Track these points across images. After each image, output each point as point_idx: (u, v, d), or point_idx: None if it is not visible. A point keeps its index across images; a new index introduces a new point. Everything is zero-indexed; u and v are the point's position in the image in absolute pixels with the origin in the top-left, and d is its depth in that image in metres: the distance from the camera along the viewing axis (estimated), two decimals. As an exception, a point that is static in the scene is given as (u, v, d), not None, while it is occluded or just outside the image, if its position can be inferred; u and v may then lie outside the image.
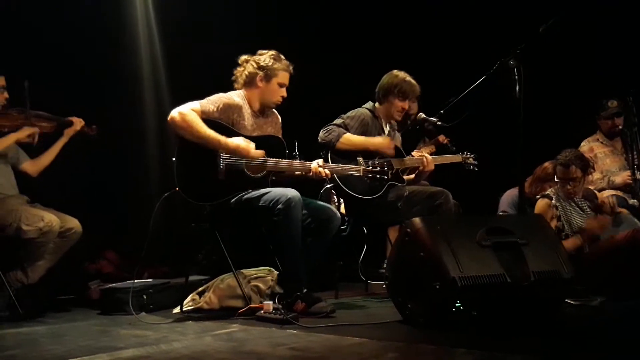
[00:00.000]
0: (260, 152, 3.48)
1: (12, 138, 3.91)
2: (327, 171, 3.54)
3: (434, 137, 4.89)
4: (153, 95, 5.39)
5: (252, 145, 3.46)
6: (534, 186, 4.36)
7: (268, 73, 3.61)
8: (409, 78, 4.12)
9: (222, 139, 3.43)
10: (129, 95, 5.26)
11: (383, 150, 4.02)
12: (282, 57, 3.68)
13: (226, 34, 5.26)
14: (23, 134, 3.93)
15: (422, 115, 4.37)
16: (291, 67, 3.68)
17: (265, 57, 3.64)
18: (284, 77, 3.65)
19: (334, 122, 4.05)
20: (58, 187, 4.41)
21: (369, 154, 3.97)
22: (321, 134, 4.01)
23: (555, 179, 3.90)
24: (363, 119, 4.10)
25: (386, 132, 4.24)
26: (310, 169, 3.53)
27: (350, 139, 3.98)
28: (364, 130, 4.08)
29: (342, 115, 4.12)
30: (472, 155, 4.44)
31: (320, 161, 3.56)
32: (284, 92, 3.67)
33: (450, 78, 4.66)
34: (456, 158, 4.43)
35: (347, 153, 3.95)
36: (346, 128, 4.02)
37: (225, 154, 3.44)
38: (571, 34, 4.21)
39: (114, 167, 4.99)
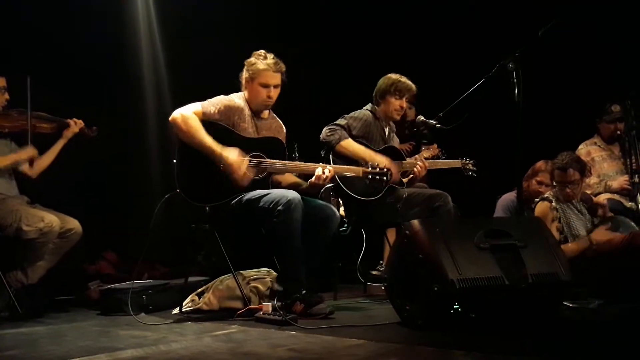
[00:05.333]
0: (248, 178, 3.45)
1: (11, 158, 3.96)
2: (329, 175, 3.48)
3: (428, 144, 4.90)
4: (154, 96, 5.39)
5: (244, 165, 3.42)
6: (524, 182, 4.37)
7: (251, 74, 3.58)
8: (403, 78, 4.24)
9: (218, 151, 3.40)
10: (130, 96, 5.26)
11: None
12: (269, 56, 3.59)
13: (228, 33, 5.27)
14: (23, 156, 3.97)
15: (421, 117, 4.40)
16: (279, 66, 3.59)
17: (252, 58, 3.61)
18: (265, 77, 3.56)
19: (338, 122, 4.08)
20: (58, 187, 4.41)
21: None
22: (324, 132, 4.04)
23: (554, 183, 3.92)
24: (365, 120, 4.17)
25: (387, 133, 4.28)
26: (315, 173, 3.47)
27: (351, 144, 4.01)
28: (366, 132, 4.13)
29: (345, 115, 4.17)
30: (471, 161, 4.47)
31: (328, 167, 3.51)
32: (269, 91, 3.59)
33: (450, 81, 4.67)
34: (456, 163, 4.46)
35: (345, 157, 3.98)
36: (349, 128, 4.06)
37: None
38: (570, 36, 4.22)
39: (114, 168, 4.99)
